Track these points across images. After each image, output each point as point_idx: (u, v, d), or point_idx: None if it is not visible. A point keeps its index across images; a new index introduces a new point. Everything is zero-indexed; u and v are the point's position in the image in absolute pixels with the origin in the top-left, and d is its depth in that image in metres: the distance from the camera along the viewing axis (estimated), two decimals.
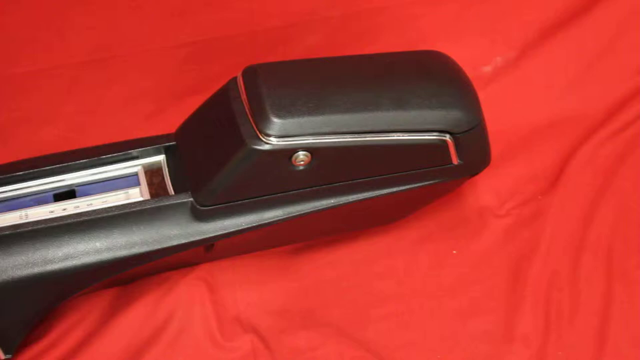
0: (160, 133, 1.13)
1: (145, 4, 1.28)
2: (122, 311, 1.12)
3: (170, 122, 1.20)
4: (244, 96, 1.03)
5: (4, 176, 1.06)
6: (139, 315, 1.11)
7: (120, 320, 1.11)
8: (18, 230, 1.02)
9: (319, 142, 1.02)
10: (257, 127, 1.00)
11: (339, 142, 1.03)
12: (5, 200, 1.07)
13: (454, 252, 1.20)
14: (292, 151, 1.01)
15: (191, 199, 1.04)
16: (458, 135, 1.07)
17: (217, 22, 1.28)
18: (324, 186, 1.06)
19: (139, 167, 1.10)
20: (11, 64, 1.26)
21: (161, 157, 1.10)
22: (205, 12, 1.28)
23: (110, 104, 1.30)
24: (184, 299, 1.12)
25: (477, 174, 1.13)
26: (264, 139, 1.00)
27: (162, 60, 1.30)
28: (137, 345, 1.10)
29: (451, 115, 1.06)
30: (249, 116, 1.01)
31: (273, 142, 1.00)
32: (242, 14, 1.29)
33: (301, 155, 1.02)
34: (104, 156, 1.09)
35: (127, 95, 1.30)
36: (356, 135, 1.03)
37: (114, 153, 1.09)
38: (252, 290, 1.15)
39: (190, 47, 1.29)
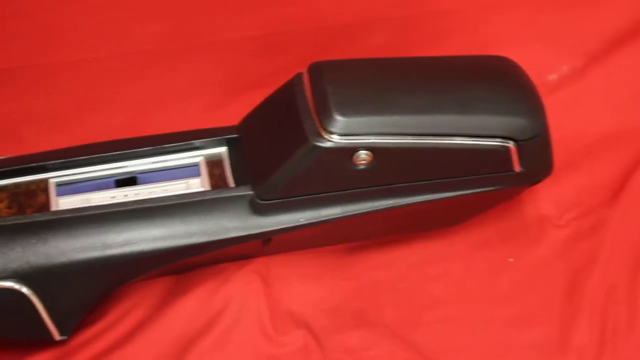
0: (223, 125, 1.14)
1: None
2: (176, 300, 1.12)
3: (234, 114, 1.21)
4: (308, 92, 1.04)
5: (69, 160, 1.08)
6: (194, 304, 1.12)
7: (175, 309, 1.12)
8: (80, 214, 1.03)
9: (381, 142, 1.01)
10: (320, 124, 1.01)
11: (401, 143, 1.02)
12: (69, 184, 1.08)
13: (511, 260, 1.19)
14: (353, 150, 1.01)
15: (251, 192, 1.05)
16: (521, 142, 1.06)
17: (285, 16, 1.29)
18: (383, 187, 1.06)
19: (201, 158, 1.11)
20: (81, 50, 1.28)
21: (223, 149, 1.11)
22: (274, 5, 1.28)
23: (176, 93, 1.31)
24: (239, 291, 1.12)
25: (538, 182, 1.12)
26: (326, 136, 1.00)
27: (228, 51, 1.31)
28: (189, 334, 1.11)
29: (515, 122, 1.05)
30: (313, 113, 1.02)
31: (335, 139, 1.00)
32: (310, 10, 1.29)
33: (362, 154, 1.02)
34: (166, 145, 1.10)
35: (192, 85, 1.31)
36: (419, 137, 1.03)
37: (176, 142, 1.10)
38: (306, 286, 1.15)
39: (257, 40, 1.29)
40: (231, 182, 1.09)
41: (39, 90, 1.27)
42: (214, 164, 1.10)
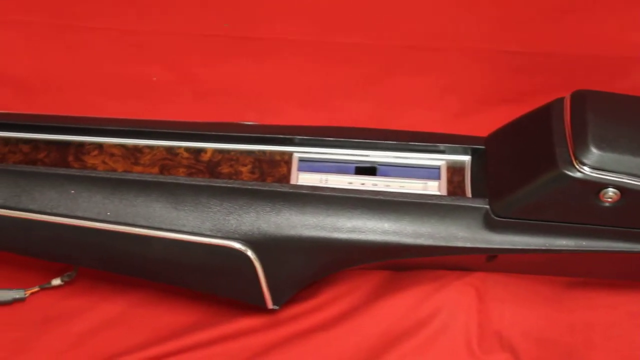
0: (463, 133, 1.14)
1: (483, 4, 1.28)
2: (389, 295, 1.13)
3: (476, 124, 1.20)
4: (567, 118, 1.01)
5: (316, 138, 1.10)
6: (405, 304, 1.12)
7: (385, 305, 1.13)
8: (316, 192, 1.05)
9: (633, 184, 0.98)
10: (573, 153, 0.98)
11: None
12: (311, 161, 1.11)
13: None
14: (602, 185, 0.98)
15: (487, 207, 1.04)
16: None
17: (551, 37, 1.27)
18: (624, 228, 1.02)
19: (443, 162, 1.10)
20: (350, 33, 1.29)
21: (466, 158, 1.10)
22: (539, 24, 1.26)
23: (424, 93, 1.31)
24: (452, 301, 1.12)
25: None
26: (577, 166, 0.98)
27: (486, 62, 1.30)
28: (395, 332, 1.11)
29: None
30: (568, 140, 0.99)
31: (586, 171, 0.98)
32: (580, 35, 1.27)
33: (610, 192, 0.99)
34: (412, 142, 1.10)
35: (441, 88, 1.31)
36: None
37: (422, 142, 1.10)
38: (520, 310, 1.13)
39: (517, 56, 1.28)
40: (469, 192, 1.08)
41: (297, 65, 1.30)
42: (454, 171, 1.10)
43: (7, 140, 1.12)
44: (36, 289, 1.17)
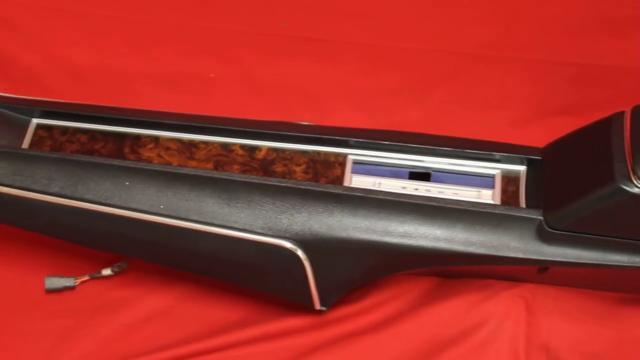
0: (519, 143, 1.13)
1: (543, 14, 1.27)
2: (437, 302, 1.12)
3: (533, 135, 1.20)
4: (627, 133, 1.00)
5: (371, 141, 1.10)
6: (453, 311, 1.12)
7: (432, 311, 1.12)
8: (370, 196, 1.05)
9: None
10: (631, 168, 0.97)
11: None
12: (365, 164, 1.10)
13: None
14: None
15: (541, 218, 1.03)
16: None
17: (608, 50, 1.25)
18: None
19: (498, 171, 1.10)
20: (403, 38, 1.29)
21: (522, 168, 1.09)
22: (604, 36, 1.24)
23: (480, 101, 1.30)
24: (500, 311, 1.11)
25: None
26: (635, 182, 0.97)
27: (545, 72, 1.28)
28: (441, 339, 1.11)
29: None
30: (627, 155, 0.98)
31: None
32: (636, 50, 1.25)
33: None
34: (467, 150, 1.10)
35: (498, 97, 1.30)
36: None
37: (477, 150, 1.10)
38: (568, 324, 1.12)
39: (577, 68, 1.26)
40: (522, 202, 1.07)
41: (355, 68, 1.30)
42: (509, 180, 1.09)
43: (65, 129, 1.13)
44: (86, 277, 1.18)
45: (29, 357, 1.13)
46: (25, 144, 1.11)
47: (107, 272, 1.18)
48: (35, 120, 1.13)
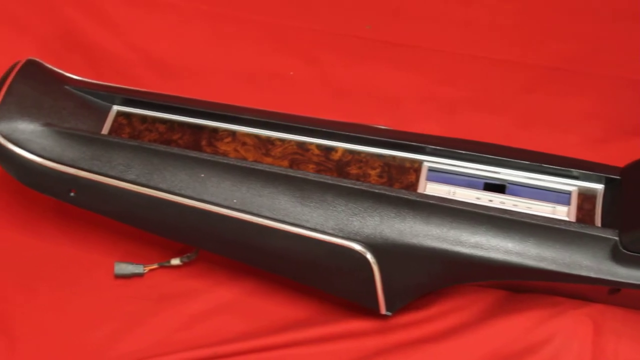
0: (600, 161, 1.11)
1: (622, 33, 1.25)
2: (503, 316, 1.11)
3: (612, 154, 1.18)
4: None
5: (448, 150, 1.09)
6: (519, 326, 1.10)
7: (497, 325, 1.11)
8: (443, 204, 1.04)
9: None
10: None
11: None
12: (441, 172, 1.10)
13: None
14: None
15: (617, 238, 1.01)
16: None
17: None
18: None
19: (575, 188, 1.08)
20: (476, 47, 1.28)
21: (599, 187, 1.08)
22: None
23: (564, 116, 1.29)
24: (567, 330, 1.09)
25: None
26: None
27: (624, 90, 1.27)
28: (505, 354, 1.09)
29: None
30: None
31: None
32: None
33: None
34: (545, 165, 1.08)
35: (583, 113, 1.28)
36: None
37: (555, 165, 1.08)
38: (635, 348, 1.10)
39: None
40: (598, 221, 1.05)
41: (435, 75, 1.30)
42: (585, 198, 1.08)
43: (144, 118, 1.14)
44: (155, 266, 1.19)
45: (93, 337, 1.15)
46: (105, 130, 1.12)
47: (176, 261, 1.19)
48: (115, 107, 1.14)
